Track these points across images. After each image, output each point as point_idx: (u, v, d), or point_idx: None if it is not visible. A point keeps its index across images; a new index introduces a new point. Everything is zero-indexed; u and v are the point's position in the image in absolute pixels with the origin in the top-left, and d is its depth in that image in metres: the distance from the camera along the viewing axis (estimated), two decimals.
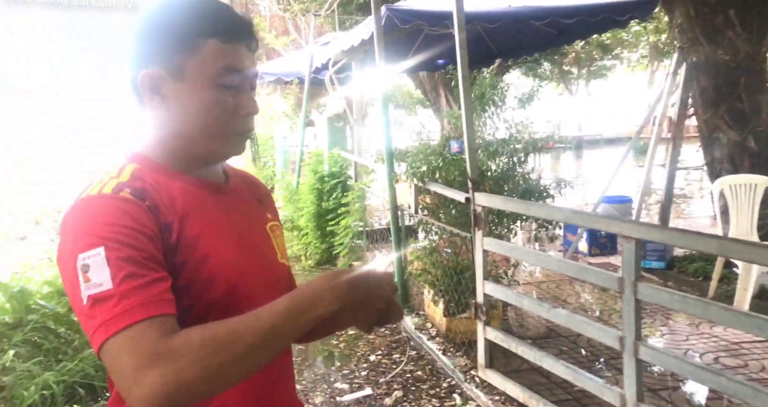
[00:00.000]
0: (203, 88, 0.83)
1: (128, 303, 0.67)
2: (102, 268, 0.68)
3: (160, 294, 0.70)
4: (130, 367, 0.63)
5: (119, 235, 0.71)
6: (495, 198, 3.08)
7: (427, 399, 3.14)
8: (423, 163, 4.00)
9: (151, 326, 0.66)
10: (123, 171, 0.82)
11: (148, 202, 0.78)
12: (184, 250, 0.79)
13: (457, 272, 3.74)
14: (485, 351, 3.20)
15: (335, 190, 5.80)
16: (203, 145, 0.86)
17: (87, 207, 0.75)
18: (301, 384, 3.32)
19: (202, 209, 0.85)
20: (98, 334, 0.66)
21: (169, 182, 0.84)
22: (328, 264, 5.94)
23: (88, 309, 0.68)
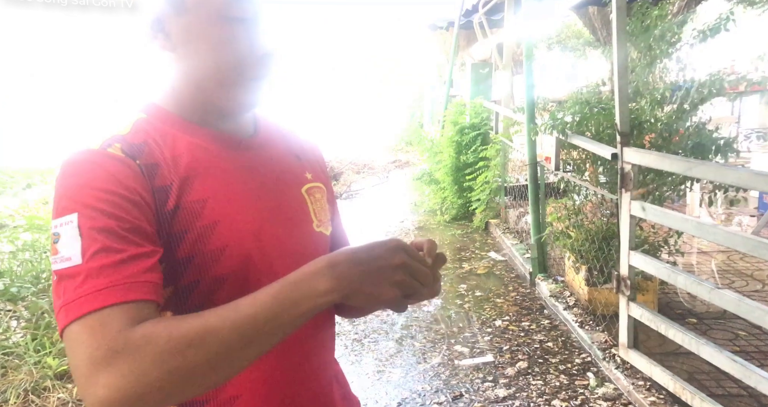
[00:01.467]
0: (209, 22, 0.70)
1: (94, 284, 0.57)
2: (73, 240, 0.59)
3: (137, 274, 0.60)
4: (84, 363, 0.54)
5: (98, 202, 0.61)
6: (648, 154, 2.57)
7: (555, 374, 2.88)
8: (568, 112, 3.52)
9: (117, 314, 0.56)
10: (126, 121, 0.72)
11: (141, 160, 0.67)
12: (185, 218, 0.68)
13: (604, 237, 3.30)
14: (629, 330, 2.81)
15: (475, 142, 5.50)
16: (216, 93, 0.73)
17: (71, 165, 0.65)
18: (420, 342, 3.29)
19: (215, 168, 0.73)
20: (61, 317, 0.57)
21: (177, 136, 0.73)
22: (464, 219, 5.77)
23: (55, 285, 0.60)
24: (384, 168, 9.55)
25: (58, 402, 2.41)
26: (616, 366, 2.82)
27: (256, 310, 0.58)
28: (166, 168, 0.69)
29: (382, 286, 0.61)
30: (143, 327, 0.56)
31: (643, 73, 3.31)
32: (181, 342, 0.55)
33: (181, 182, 0.69)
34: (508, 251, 4.88)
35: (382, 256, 0.61)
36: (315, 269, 0.61)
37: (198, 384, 0.57)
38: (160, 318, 0.59)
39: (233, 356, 0.57)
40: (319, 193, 0.86)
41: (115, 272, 0.59)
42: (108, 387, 0.53)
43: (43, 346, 2.73)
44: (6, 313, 3.11)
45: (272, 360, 0.74)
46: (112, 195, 0.62)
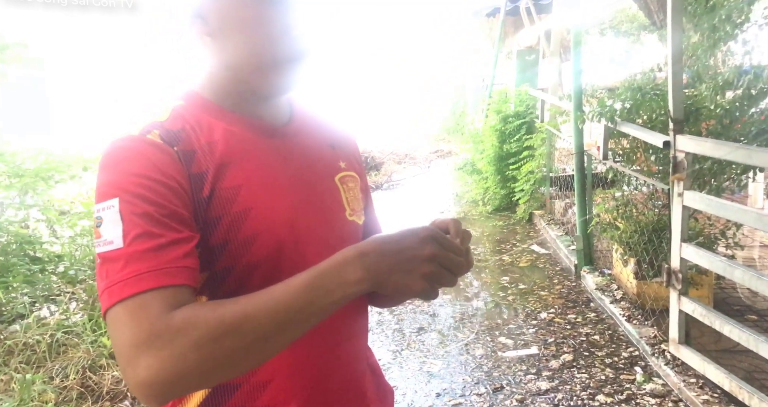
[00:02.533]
0: (247, 6, 0.70)
1: (136, 268, 0.59)
2: (115, 224, 0.61)
3: (175, 260, 0.61)
4: (126, 345, 0.56)
5: (138, 187, 0.63)
6: (704, 142, 2.43)
7: (601, 367, 2.81)
8: (618, 99, 3.38)
9: (157, 298, 0.58)
10: (164, 108, 0.74)
11: (178, 147, 0.68)
12: (219, 204, 0.69)
13: (654, 229, 3.17)
14: (680, 325, 2.69)
15: (519, 131, 5.38)
16: (253, 76, 0.73)
17: (112, 151, 0.67)
18: (464, 333, 3.26)
19: (249, 155, 0.73)
20: (104, 299, 0.60)
21: (213, 123, 0.73)
22: (506, 210, 5.67)
23: (98, 267, 0.62)
24: (425, 158, 9.48)
25: (113, 379, 2.54)
26: (665, 362, 2.72)
27: (290, 298, 0.59)
28: (202, 154, 0.70)
29: (412, 278, 0.60)
30: (182, 311, 0.58)
31: (705, 56, 3.13)
32: (219, 328, 0.57)
33: (216, 169, 0.70)
34: (552, 243, 4.77)
35: (412, 247, 0.60)
36: (345, 259, 0.61)
37: (234, 368, 0.59)
38: (197, 303, 0.61)
39: (268, 341, 0.59)
40: (353, 182, 0.86)
41: (155, 257, 0.60)
42: (148, 368, 0.55)
43: (99, 326, 2.88)
44: (66, 295, 3.29)
45: (304, 347, 0.75)
46: (151, 181, 0.64)
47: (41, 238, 3.72)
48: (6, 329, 2.93)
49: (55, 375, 2.52)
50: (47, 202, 3.83)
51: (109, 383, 2.52)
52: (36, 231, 3.75)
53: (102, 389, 2.50)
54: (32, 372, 2.46)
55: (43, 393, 2.33)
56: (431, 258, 0.60)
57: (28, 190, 3.48)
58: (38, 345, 2.67)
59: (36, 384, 2.33)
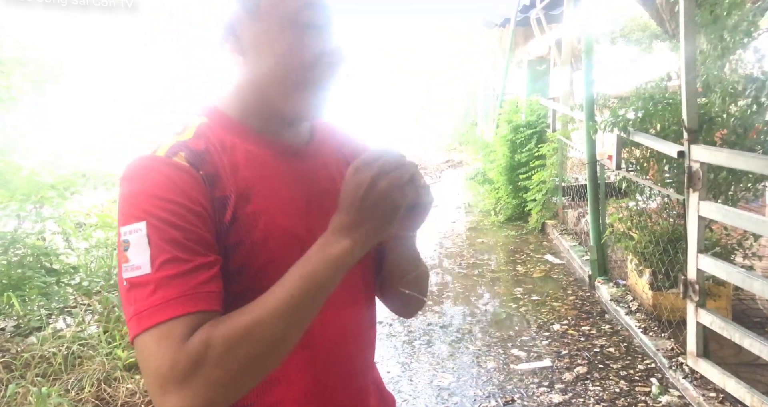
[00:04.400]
0: (281, 28, 0.70)
1: (164, 295, 0.60)
2: (142, 248, 0.62)
3: (202, 285, 0.62)
4: (153, 377, 0.58)
5: (165, 212, 0.63)
6: (719, 151, 2.41)
7: (615, 380, 2.76)
8: (631, 108, 3.36)
9: (183, 324, 0.60)
10: (188, 127, 0.73)
11: (203, 170, 0.68)
12: (240, 230, 0.70)
13: (670, 240, 3.13)
14: (698, 338, 2.65)
15: (530, 141, 5.36)
16: (281, 99, 0.73)
17: (138, 171, 0.67)
18: (475, 345, 3.24)
19: (269, 179, 0.73)
20: (132, 325, 0.61)
21: (236, 143, 0.73)
22: (519, 220, 5.63)
23: (125, 292, 0.62)
24: (437, 167, 9.49)
25: (127, 392, 2.55)
26: (683, 376, 2.67)
27: (290, 293, 0.62)
28: (224, 178, 0.70)
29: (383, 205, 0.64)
30: (199, 334, 0.59)
31: (714, 65, 3.11)
32: (235, 339, 0.59)
33: (237, 194, 0.70)
34: (565, 253, 4.72)
35: (368, 195, 0.64)
36: (323, 241, 0.66)
37: (260, 371, 0.62)
38: (210, 322, 0.61)
39: (283, 338, 0.62)
40: None
41: (183, 283, 0.61)
42: (180, 399, 0.57)
43: (113, 338, 2.90)
44: (81, 307, 3.33)
45: (314, 370, 0.76)
46: (177, 206, 0.64)
47: (57, 250, 3.77)
48: (23, 341, 2.96)
49: (71, 388, 2.53)
50: (63, 215, 3.89)
51: (123, 395, 2.53)
52: (52, 242, 3.81)
53: (117, 401, 2.51)
54: (48, 384, 2.48)
55: (59, 406, 2.34)
56: (378, 177, 0.64)
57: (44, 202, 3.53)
58: (54, 357, 2.69)
59: (52, 397, 2.35)
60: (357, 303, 0.83)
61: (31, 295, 3.16)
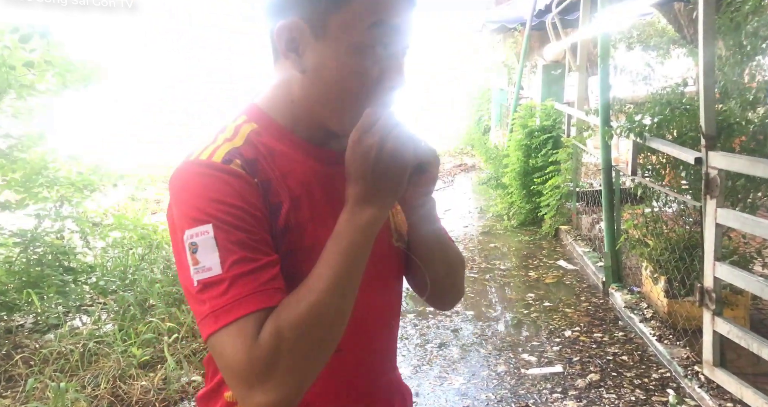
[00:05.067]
0: (346, 49, 0.69)
1: (238, 292, 0.62)
2: (211, 250, 0.63)
3: (270, 281, 0.65)
4: (233, 373, 0.61)
5: (228, 216, 0.65)
6: (737, 158, 2.38)
7: (630, 388, 2.74)
8: (647, 114, 3.33)
9: (255, 320, 0.62)
10: (238, 132, 0.73)
11: (258, 178, 0.70)
12: (292, 237, 0.71)
13: (686, 247, 3.10)
14: (714, 347, 2.62)
15: (545, 145, 5.34)
16: (335, 118, 0.73)
17: (195, 176, 0.68)
18: (486, 349, 3.23)
19: (316, 187, 0.75)
20: (207, 323, 0.62)
21: (285, 152, 0.74)
22: (532, 225, 5.60)
23: (196, 293, 0.64)
24: (449, 172, 9.47)
25: (142, 389, 2.59)
26: (699, 385, 2.64)
27: (335, 270, 0.66)
28: (276, 186, 0.72)
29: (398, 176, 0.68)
30: (267, 327, 0.62)
31: (733, 71, 3.08)
32: (302, 324, 0.62)
33: (289, 202, 0.72)
34: (579, 259, 4.69)
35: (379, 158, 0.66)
36: (348, 215, 0.69)
37: (329, 348, 0.66)
38: (271, 315, 0.63)
39: (341, 312, 0.66)
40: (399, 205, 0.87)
41: (253, 279, 0.64)
42: (265, 394, 0.60)
43: (128, 336, 2.94)
44: (98, 305, 3.38)
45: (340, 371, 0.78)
46: (239, 210, 0.66)
47: (75, 249, 3.83)
48: (41, 338, 3.02)
49: (87, 384, 2.57)
50: (81, 214, 3.95)
51: (138, 392, 2.56)
52: (70, 241, 3.87)
53: (131, 398, 2.55)
54: (66, 380, 2.52)
55: (76, 402, 2.38)
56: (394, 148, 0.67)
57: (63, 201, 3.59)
58: (71, 354, 2.74)
59: (69, 392, 2.39)
60: (389, 302, 0.86)
61: (49, 293, 3.22)
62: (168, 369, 2.68)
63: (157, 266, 3.91)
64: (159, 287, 3.45)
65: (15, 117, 3.40)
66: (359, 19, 0.68)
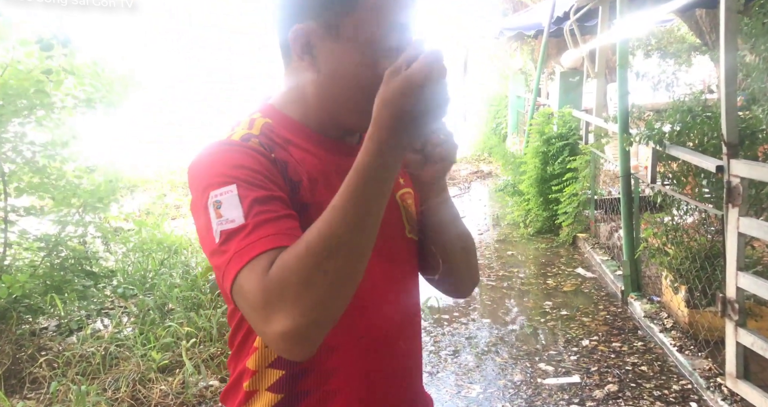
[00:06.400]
0: (360, 48, 0.72)
1: (259, 234, 0.64)
2: (235, 205, 0.66)
3: (291, 229, 0.66)
4: (252, 310, 0.61)
5: (249, 177, 0.68)
6: (761, 167, 2.34)
7: (650, 400, 2.69)
8: (667, 121, 3.30)
9: (275, 256, 0.62)
10: (254, 124, 0.77)
11: (275, 154, 0.74)
12: (311, 217, 0.71)
13: (707, 256, 3.05)
14: (738, 358, 2.57)
15: (562, 153, 5.30)
16: (348, 116, 0.77)
17: (217, 152, 0.72)
18: (502, 357, 3.20)
19: (331, 176, 0.77)
20: (231, 267, 0.63)
21: (299, 143, 0.78)
22: (549, 233, 5.55)
23: (219, 245, 0.65)
24: (465, 178, 9.43)
25: (160, 393, 2.62)
26: (722, 398, 2.59)
27: (348, 205, 0.61)
28: (294, 166, 0.75)
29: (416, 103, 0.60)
30: (276, 264, 0.61)
31: (761, 78, 3.03)
32: (310, 257, 0.60)
33: (308, 182, 0.75)
34: (597, 267, 4.63)
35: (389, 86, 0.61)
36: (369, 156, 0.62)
37: (349, 282, 0.62)
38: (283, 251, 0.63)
39: (354, 246, 0.62)
40: (410, 199, 0.88)
41: (274, 225, 0.65)
42: (280, 322, 0.59)
43: (148, 340, 2.99)
44: (119, 309, 3.43)
45: (373, 359, 0.79)
46: (260, 174, 0.69)
47: (97, 253, 3.90)
48: (64, 341, 3.07)
49: (108, 387, 2.61)
50: (103, 219, 4.03)
51: (157, 396, 2.59)
52: (92, 245, 3.95)
53: (150, 402, 2.58)
54: (87, 383, 2.56)
55: (97, 405, 2.42)
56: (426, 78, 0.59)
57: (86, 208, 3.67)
58: (93, 357, 2.78)
59: (90, 395, 2.43)
60: (407, 291, 0.86)
61: (72, 297, 3.28)
62: (186, 374, 2.71)
63: (176, 271, 3.97)
64: (178, 291, 3.50)
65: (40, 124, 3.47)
66: (370, 19, 0.71)
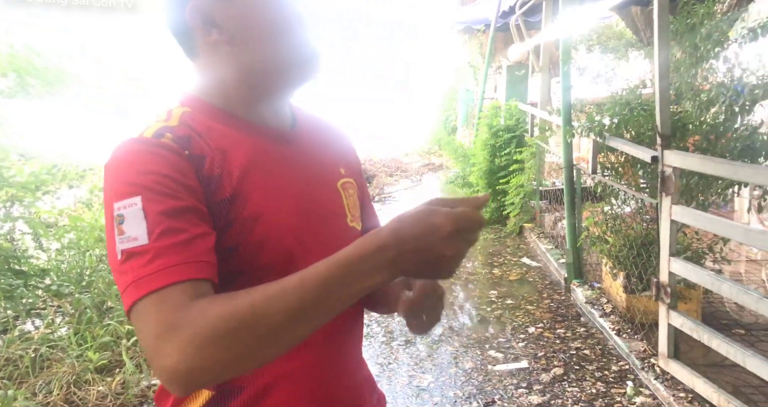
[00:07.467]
0: (265, 7, 0.73)
1: (163, 263, 0.60)
2: (138, 221, 0.62)
3: (199, 254, 0.62)
4: (150, 337, 0.57)
5: (158, 185, 0.64)
6: (691, 157, 2.47)
7: (592, 381, 2.80)
8: (607, 114, 3.42)
9: (180, 291, 0.59)
10: (172, 115, 0.74)
11: (189, 151, 0.69)
12: (230, 209, 0.70)
13: (643, 243, 3.19)
14: (669, 339, 2.71)
15: (509, 145, 5.42)
16: (269, 79, 0.75)
17: (126, 152, 0.68)
18: (452, 346, 3.25)
19: (258, 162, 0.74)
20: (129, 293, 0.60)
21: (222, 130, 0.74)
22: (497, 223, 5.68)
23: (120, 264, 0.62)
24: (417, 171, 9.52)
25: (98, 395, 2.49)
26: (655, 376, 2.72)
27: (303, 294, 0.57)
28: (211, 160, 0.71)
29: (437, 272, 0.59)
30: (198, 303, 0.58)
31: (688, 73, 3.19)
32: (232, 322, 0.56)
33: (227, 174, 0.71)
34: (542, 256, 4.78)
35: (435, 247, 0.57)
36: (363, 254, 0.58)
37: (250, 360, 0.59)
38: (213, 296, 0.61)
39: (281, 336, 0.58)
40: (352, 189, 0.87)
41: (180, 251, 0.61)
42: (169, 357, 0.55)
43: (84, 340, 2.83)
44: (51, 308, 3.24)
45: (308, 353, 0.76)
46: (170, 179, 0.65)
47: (26, 251, 3.66)
48: None
49: (38, 391, 2.46)
50: (34, 214, 3.78)
51: (94, 398, 2.47)
52: (21, 242, 3.70)
53: (87, 404, 2.45)
54: (14, 387, 2.40)
55: None
56: (457, 256, 0.58)
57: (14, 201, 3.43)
58: (21, 359, 2.61)
59: (18, 400, 2.28)
60: None
61: None
62: (127, 373, 2.59)
63: None
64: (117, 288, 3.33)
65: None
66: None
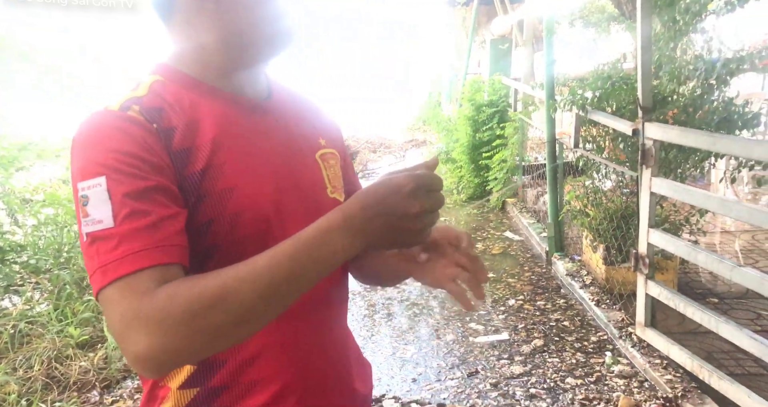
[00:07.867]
0: None
1: (129, 248, 0.58)
2: (103, 203, 0.60)
3: (167, 238, 0.61)
4: (118, 323, 0.56)
5: (124, 165, 0.61)
6: (670, 129, 2.49)
7: (572, 352, 2.87)
8: (589, 88, 3.42)
9: (148, 276, 0.58)
10: (141, 84, 0.71)
11: (159, 124, 0.67)
12: (203, 182, 0.68)
13: (623, 216, 3.24)
14: (646, 309, 2.78)
15: (492, 120, 5.42)
16: (247, 46, 0.72)
17: (90, 128, 0.65)
18: (434, 318, 3.29)
19: (232, 132, 0.72)
20: (96, 279, 0.59)
21: (194, 99, 0.71)
22: (480, 199, 5.72)
23: (87, 247, 0.60)
24: (400, 147, 9.50)
25: (80, 369, 2.48)
26: (632, 345, 2.80)
27: (273, 271, 0.58)
28: (182, 132, 0.68)
29: (405, 235, 0.61)
30: (166, 288, 0.57)
31: (667, 47, 3.20)
32: (203, 303, 0.56)
33: (198, 146, 0.69)
34: (524, 230, 4.84)
35: (400, 206, 0.60)
36: (329, 225, 0.60)
37: (223, 340, 0.59)
38: (180, 279, 0.59)
39: (254, 314, 0.58)
40: (333, 160, 0.85)
41: (147, 235, 0.59)
42: (137, 344, 0.55)
43: (65, 316, 2.80)
44: (29, 284, 3.19)
45: (292, 324, 0.75)
46: (136, 158, 0.62)
47: (2, 227, 3.58)
48: None
49: (19, 366, 2.44)
50: (8, 190, 3.69)
51: (76, 373, 2.45)
52: None
53: (69, 379, 2.44)
54: None
55: (6, 385, 2.26)
56: (422, 214, 0.60)
57: None
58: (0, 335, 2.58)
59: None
60: None
61: None
62: (109, 349, 2.58)
63: None
64: None
65: None
66: None
